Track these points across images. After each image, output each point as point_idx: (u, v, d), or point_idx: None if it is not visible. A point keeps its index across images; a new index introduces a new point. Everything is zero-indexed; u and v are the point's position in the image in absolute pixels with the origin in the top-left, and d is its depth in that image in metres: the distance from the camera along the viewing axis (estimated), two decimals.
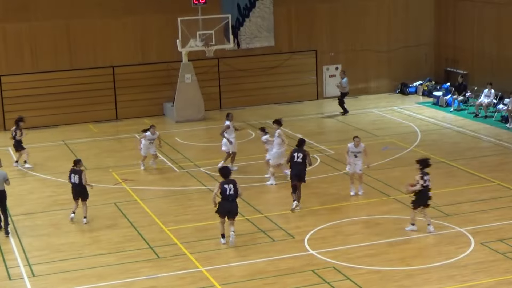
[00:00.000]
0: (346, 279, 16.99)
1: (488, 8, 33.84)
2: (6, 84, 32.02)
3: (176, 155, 27.45)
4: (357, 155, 22.25)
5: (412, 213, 19.66)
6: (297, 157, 21.54)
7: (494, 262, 17.61)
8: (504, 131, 29.48)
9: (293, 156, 21.60)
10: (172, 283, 17.18)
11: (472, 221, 20.17)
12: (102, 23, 33.08)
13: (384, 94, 36.80)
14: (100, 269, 18.04)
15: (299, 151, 21.68)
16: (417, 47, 37.30)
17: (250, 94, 34.71)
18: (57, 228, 20.88)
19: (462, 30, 35.70)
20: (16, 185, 24.62)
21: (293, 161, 21.58)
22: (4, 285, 17.43)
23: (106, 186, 24.13)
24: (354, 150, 22.18)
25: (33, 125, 31.87)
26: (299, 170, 21.48)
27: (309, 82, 35.57)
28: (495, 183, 23.31)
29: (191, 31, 31.79)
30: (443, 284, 16.65)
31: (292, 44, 35.69)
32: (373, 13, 36.45)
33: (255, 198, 22.74)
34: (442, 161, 25.74)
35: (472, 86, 34.35)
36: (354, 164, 22.32)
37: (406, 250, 18.54)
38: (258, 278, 17.27)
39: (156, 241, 19.67)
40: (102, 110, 33.23)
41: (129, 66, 33.49)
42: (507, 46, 33.07)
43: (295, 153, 21.60)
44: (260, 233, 19.96)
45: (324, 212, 21.40)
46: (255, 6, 34.80)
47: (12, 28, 31.96)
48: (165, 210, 22.13)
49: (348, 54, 36.39)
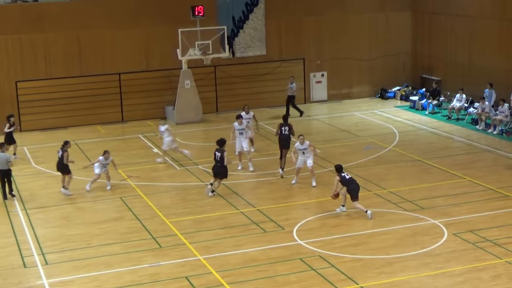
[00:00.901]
0: (331, 266, 16.97)
1: (460, 21, 33.87)
2: (22, 89, 31.91)
3: (177, 154, 27.37)
4: (304, 152, 22.69)
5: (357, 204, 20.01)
6: (284, 130, 24.25)
7: (465, 251, 17.62)
8: (474, 132, 29.50)
9: (281, 129, 24.29)
10: (173, 270, 17.14)
11: (445, 214, 20.18)
12: (110, 34, 33.00)
13: (365, 99, 36.80)
14: (107, 258, 18.00)
15: (285, 125, 24.35)
16: (396, 56, 37.31)
17: (244, 98, 34.58)
18: (68, 221, 20.82)
19: (436, 41, 35.74)
20: (30, 181, 24.61)
21: (281, 133, 24.20)
22: (20, 272, 17.37)
23: (113, 182, 24.05)
24: (300, 148, 22.70)
25: (46, 127, 31.88)
26: (286, 139, 24.12)
27: (298, 88, 35.54)
28: (466, 179, 23.32)
29: (190, 41, 31.77)
30: (419, 271, 16.65)
31: (282, 53, 35.66)
32: (355, 25, 36.44)
33: (248, 193, 22.74)
34: (418, 159, 25.74)
35: (445, 91, 34.39)
36: (304, 160, 22.82)
37: (386, 240, 18.53)
38: (251, 265, 17.25)
39: (158, 232, 19.63)
40: (109, 113, 33.16)
41: (134, 73, 33.42)
42: (477, 56, 33.12)
43: (282, 127, 24.31)
44: (253, 225, 19.93)
45: (311, 206, 21.40)
46: (249, 19, 34.77)
47: (27, 39, 31.87)
48: (166, 204, 22.09)
49: (333, 62, 36.37)
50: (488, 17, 32.23)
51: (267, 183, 23.71)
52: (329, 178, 23.14)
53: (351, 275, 16.47)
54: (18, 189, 23.72)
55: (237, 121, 25.24)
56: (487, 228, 19.04)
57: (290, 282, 16.31)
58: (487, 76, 31.67)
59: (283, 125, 24.43)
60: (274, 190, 22.92)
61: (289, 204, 21.52)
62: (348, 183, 20.08)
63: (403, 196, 21.77)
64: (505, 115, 29.17)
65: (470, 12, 33.26)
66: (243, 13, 34.62)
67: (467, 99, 31.99)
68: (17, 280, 16.91)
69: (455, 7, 34.15)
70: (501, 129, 28.99)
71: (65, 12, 32.47)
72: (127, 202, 22.25)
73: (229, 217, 20.63)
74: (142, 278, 16.78)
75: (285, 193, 22.59)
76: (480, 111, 30.02)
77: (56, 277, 16.96)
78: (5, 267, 17.60)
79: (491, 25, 32.06)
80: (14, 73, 31.88)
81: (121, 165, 25.86)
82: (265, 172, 24.61)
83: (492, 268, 16.62)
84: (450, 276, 16.31)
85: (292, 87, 33.02)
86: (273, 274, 16.72)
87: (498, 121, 29.10)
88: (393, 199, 21.58)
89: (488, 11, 32.23)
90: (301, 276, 16.56)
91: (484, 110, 29.90)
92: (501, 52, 31.65)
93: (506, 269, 16.54)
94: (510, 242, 18.00)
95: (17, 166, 26.44)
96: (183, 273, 16.95)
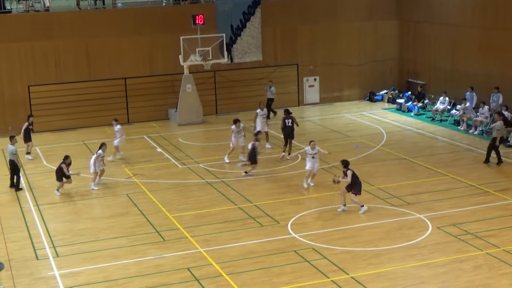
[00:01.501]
0: (323, 258, 16.98)
1: (443, 29, 33.88)
2: (34, 93, 31.86)
3: (179, 153, 27.39)
4: (314, 156, 22.30)
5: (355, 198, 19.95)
6: (288, 122, 25.61)
7: (448, 244, 17.64)
8: (457, 132, 29.53)
9: (285, 122, 25.66)
10: (176, 262, 17.14)
11: (430, 209, 20.19)
12: (116, 41, 32.97)
13: (355, 101, 36.80)
14: (114, 250, 17.99)
15: (288, 118, 25.74)
16: (383, 62, 37.32)
17: (241, 101, 34.64)
18: (77, 216, 20.81)
19: (421, 47, 35.76)
20: (42, 179, 24.57)
21: (285, 125, 25.52)
22: (33, 264, 17.36)
23: (119, 179, 24.05)
24: (311, 153, 22.21)
25: (57, 128, 31.84)
26: (291, 130, 25.52)
27: (292, 91, 35.54)
28: (449, 176, 23.34)
29: (192, 48, 31.75)
30: (406, 262, 16.67)
31: (277, 59, 35.64)
32: (346, 33, 36.44)
33: (246, 189, 22.71)
34: (404, 158, 25.76)
35: (430, 94, 34.41)
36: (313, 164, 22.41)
37: (374, 233, 18.54)
38: (249, 257, 17.25)
39: (162, 226, 19.63)
40: (116, 115, 32.90)
41: (139, 77, 33.38)
42: (459, 61, 33.13)
43: (286, 120, 25.69)
44: (250, 219, 19.93)
45: (305, 202, 21.40)
46: (246, 27, 34.76)
47: (39, 45, 31.83)
48: (169, 200, 22.07)
49: (325, 67, 36.37)
50: (469, 25, 32.25)
51: (264, 180, 23.70)
52: (322, 176, 23.15)
53: (342, 266, 16.49)
54: (31, 187, 23.71)
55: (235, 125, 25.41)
56: (468, 222, 19.07)
57: (285, 272, 16.31)
58: (468, 80, 31.69)
59: (286, 118, 25.83)
60: (270, 187, 22.91)
61: (284, 200, 21.52)
62: (356, 178, 20.02)
63: (391, 192, 21.79)
64: (485, 116, 29.20)
65: (452, 21, 33.28)
66: (240, 22, 34.62)
67: (450, 102, 32.02)
68: (29, 271, 16.91)
69: (439, 16, 34.17)
70: (481, 129, 29.02)
71: (74, 21, 32.43)
72: (132, 198, 22.23)
73: (228, 212, 20.63)
74: (147, 269, 16.78)
75: (280, 190, 22.58)
76: (462, 113, 30.06)
77: (66, 269, 16.96)
78: (18, 259, 17.59)
79: (472, 33, 32.09)
80: (26, 78, 31.84)
81: (127, 164, 25.89)
82: (262, 170, 24.60)
83: (474, 259, 16.65)
84: (434, 267, 16.33)
85: (272, 90, 33.04)
86: (269, 265, 16.73)
87: (478, 122, 29.13)
88: (381, 195, 21.60)
89: (469, 20, 32.26)
90: (295, 267, 16.58)
91: (465, 112, 29.94)
92: (481, 58, 31.68)
93: (486, 260, 16.58)
94: (490, 235, 18.03)
95: (30, 164, 26.45)
96: (185, 264, 16.95)
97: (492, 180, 22.76)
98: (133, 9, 33.92)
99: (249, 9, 34.62)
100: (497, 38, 30.60)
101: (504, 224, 18.84)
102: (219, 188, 22.80)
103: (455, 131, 29.75)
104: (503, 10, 30.20)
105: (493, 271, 16.03)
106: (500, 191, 21.58)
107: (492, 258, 16.62)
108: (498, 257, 16.67)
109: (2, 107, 31.60)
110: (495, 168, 24.19)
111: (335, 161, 24.61)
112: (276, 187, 22.85)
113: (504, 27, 30.13)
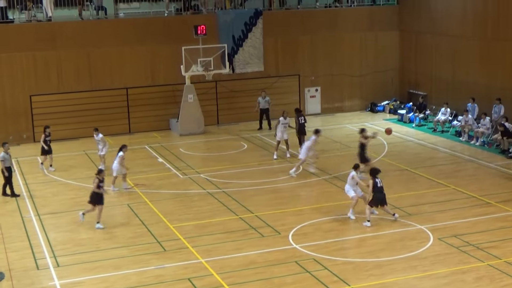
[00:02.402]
0: (324, 269, 16.96)
1: (444, 40, 33.95)
2: (36, 102, 31.90)
3: (180, 163, 27.39)
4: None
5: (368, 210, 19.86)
6: (300, 119, 27.57)
7: (450, 255, 17.62)
8: (458, 143, 29.53)
9: (298, 119, 27.54)
10: (177, 272, 17.11)
11: (431, 220, 20.17)
12: (118, 51, 33.04)
13: (356, 112, 36.83)
14: (115, 260, 17.97)
15: (299, 115, 27.72)
16: (385, 72, 37.37)
17: (243, 111, 34.67)
18: (78, 225, 20.78)
19: (422, 58, 35.81)
20: (43, 189, 24.57)
21: (299, 123, 27.44)
22: (33, 274, 17.34)
23: (121, 189, 24.03)
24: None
25: (58, 138, 31.78)
26: (302, 127, 27.57)
27: (293, 102, 35.55)
28: (451, 187, 23.34)
29: (193, 58, 31.80)
30: (407, 273, 16.64)
31: (279, 69, 35.70)
32: (347, 43, 36.52)
33: (247, 200, 22.70)
34: (406, 169, 25.75)
35: (431, 105, 34.43)
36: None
37: (376, 244, 18.52)
38: (250, 268, 17.23)
39: (163, 236, 19.61)
40: (117, 125, 33.15)
41: (141, 87, 33.43)
42: (460, 72, 33.18)
43: (299, 118, 27.62)
44: (251, 230, 19.91)
45: (306, 212, 21.37)
46: (248, 37, 34.82)
47: (41, 55, 31.89)
48: (170, 210, 22.06)
49: (326, 78, 36.42)
50: (469, 36, 32.32)
51: (265, 191, 23.69)
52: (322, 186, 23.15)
53: (343, 277, 16.46)
54: (32, 196, 23.71)
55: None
56: (470, 233, 19.04)
57: (286, 283, 16.28)
58: (470, 91, 31.72)
59: (299, 116, 27.72)
60: (271, 198, 22.90)
61: (285, 211, 21.50)
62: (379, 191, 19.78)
63: (392, 203, 21.74)
64: (486, 127, 29.22)
65: (453, 32, 33.35)
66: (242, 32, 34.69)
67: (451, 113, 32.03)
68: (30, 281, 16.88)
69: (440, 27, 34.25)
70: (483, 140, 29.03)
71: (76, 31, 32.50)
72: (133, 208, 22.22)
73: (229, 222, 20.61)
74: (148, 279, 16.76)
75: (281, 200, 22.57)
76: (464, 124, 30.07)
77: (67, 279, 16.94)
78: (19, 269, 17.57)
79: (472, 44, 32.15)
80: (28, 88, 31.88)
81: (129, 174, 25.84)
82: (263, 180, 24.60)
83: (475, 270, 16.62)
84: (435, 278, 16.30)
85: (267, 100, 33.07)
86: (270, 276, 16.70)
87: (480, 133, 29.14)
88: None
89: (470, 31, 32.33)
90: (296, 277, 16.55)
91: (467, 123, 29.94)
92: (482, 68, 31.73)
93: (488, 271, 16.55)
94: (492, 246, 18.01)
95: (32, 174, 26.46)
96: (186, 275, 16.93)
97: (493, 191, 22.74)
98: (135, 19, 34.00)
99: (251, 20, 34.70)
100: (498, 49, 30.66)
101: (506, 235, 18.82)
102: (220, 199, 22.79)
103: (456, 142, 29.74)
104: (504, 21, 30.27)
105: (495, 282, 15.99)
106: (501, 202, 21.56)
107: (494, 270, 16.59)
108: (500, 269, 16.64)
109: (4, 116, 31.62)
110: (496, 179, 24.17)
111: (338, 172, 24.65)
112: (277, 198, 22.84)
113: (505, 38, 30.19)
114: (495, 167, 25.50)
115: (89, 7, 33.82)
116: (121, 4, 35.12)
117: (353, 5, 37.24)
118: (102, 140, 26.41)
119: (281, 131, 27.46)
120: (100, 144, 26.40)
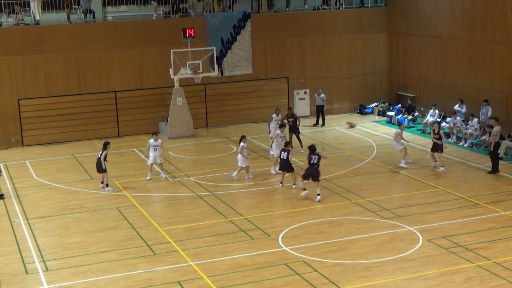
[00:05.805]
0: (314, 271, 16.96)
1: (432, 42, 34.08)
2: (24, 106, 31.78)
3: (170, 166, 27.33)
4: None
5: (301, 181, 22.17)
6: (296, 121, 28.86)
7: (439, 256, 17.66)
8: (447, 145, 29.56)
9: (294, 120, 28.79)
10: (166, 275, 17.07)
11: (420, 221, 20.22)
12: (106, 55, 32.96)
13: (345, 114, 36.89)
14: (104, 264, 17.90)
15: (292, 116, 28.93)
16: (373, 75, 37.47)
17: (232, 114, 34.68)
18: (67, 230, 20.70)
19: (410, 60, 35.94)
20: (32, 193, 24.45)
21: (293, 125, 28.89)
22: (22, 278, 17.25)
23: (110, 193, 23.96)
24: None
25: (46, 142, 31.74)
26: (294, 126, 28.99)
27: (282, 104, 35.56)
28: (439, 189, 23.40)
29: (182, 61, 31.78)
30: (396, 274, 16.66)
31: (267, 72, 35.72)
32: (336, 46, 36.60)
33: (237, 203, 22.69)
34: (395, 171, 25.80)
35: (419, 107, 34.56)
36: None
37: (365, 246, 18.53)
38: (239, 271, 17.20)
39: (152, 240, 19.55)
40: (106, 128, 33.06)
41: (129, 91, 33.37)
42: (448, 74, 33.31)
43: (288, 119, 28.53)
44: (241, 233, 19.89)
45: (295, 214, 21.37)
46: (236, 40, 34.83)
47: (29, 59, 31.77)
48: (160, 213, 22.02)
49: (315, 81, 36.45)
50: (458, 38, 32.45)
51: (255, 193, 23.68)
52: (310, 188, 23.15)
53: (333, 279, 16.46)
54: (21, 201, 23.60)
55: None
56: (459, 234, 19.10)
57: (276, 286, 16.27)
58: (458, 93, 31.86)
59: (291, 116, 29.15)
60: (261, 200, 22.90)
61: (274, 213, 21.50)
62: (312, 167, 22.18)
63: (381, 205, 21.81)
64: (474, 129, 29.33)
65: (441, 34, 33.48)
66: (231, 35, 34.69)
67: (440, 114, 32.14)
68: (19, 286, 16.79)
69: (428, 29, 34.37)
70: (471, 142, 29.14)
71: (64, 34, 32.40)
72: (122, 211, 22.15)
73: (219, 225, 20.59)
74: (137, 283, 16.70)
75: (271, 203, 22.58)
76: (452, 126, 30.17)
77: (56, 283, 16.86)
78: (8, 274, 17.47)
79: (461, 45, 32.28)
80: (16, 92, 31.75)
81: (117, 177, 25.79)
82: (253, 183, 24.58)
83: (464, 271, 16.67)
84: (425, 280, 16.33)
85: (322, 97, 34.09)
86: (260, 278, 16.68)
87: (468, 134, 29.25)
88: (371, 207, 21.61)
89: (458, 33, 32.46)
90: (286, 280, 16.54)
91: (455, 125, 30.05)
92: (470, 70, 31.85)
93: (477, 272, 16.59)
94: (481, 247, 18.07)
95: (20, 178, 26.32)
96: (175, 278, 16.88)
97: (482, 192, 22.82)
98: (123, 23, 33.93)
99: (239, 23, 34.72)
100: (486, 51, 30.79)
101: (495, 236, 18.88)
102: (210, 202, 22.76)
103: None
104: (491, 23, 30.40)
105: (484, 283, 16.04)
106: (490, 203, 21.64)
107: (483, 271, 16.64)
108: (489, 270, 16.69)
109: None
110: (485, 181, 24.26)
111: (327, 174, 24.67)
112: (266, 200, 22.84)
113: (492, 40, 30.32)
114: (484, 168, 25.58)
115: (77, 10, 33.73)
116: (109, 7, 35.03)
117: (341, 7, 37.33)
118: (161, 146, 25.45)
119: (274, 128, 27.89)
120: (157, 150, 25.23)
